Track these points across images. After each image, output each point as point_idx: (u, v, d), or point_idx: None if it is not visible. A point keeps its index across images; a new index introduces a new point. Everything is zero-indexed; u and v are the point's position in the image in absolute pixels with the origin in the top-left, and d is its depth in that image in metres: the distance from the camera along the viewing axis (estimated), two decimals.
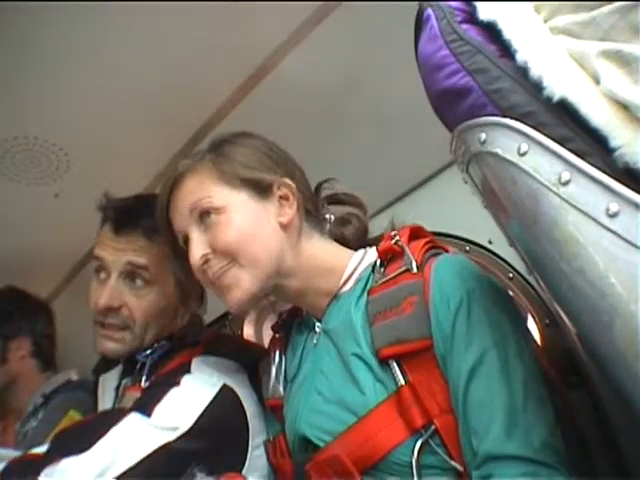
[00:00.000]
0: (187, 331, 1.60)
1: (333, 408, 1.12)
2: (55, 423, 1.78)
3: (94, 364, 1.75)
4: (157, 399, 1.28)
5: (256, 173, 1.24)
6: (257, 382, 1.41)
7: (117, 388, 1.57)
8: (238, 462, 1.31)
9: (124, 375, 1.57)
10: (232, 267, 1.20)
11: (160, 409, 1.26)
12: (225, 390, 1.33)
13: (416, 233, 1.24)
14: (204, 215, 1.22)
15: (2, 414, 2.14)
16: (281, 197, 1.25)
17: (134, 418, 1.25)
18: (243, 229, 1.20)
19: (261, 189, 1.24)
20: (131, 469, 1.16)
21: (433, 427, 1.00)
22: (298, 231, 1.26)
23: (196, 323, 1.68)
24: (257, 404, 1.39)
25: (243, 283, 1.20)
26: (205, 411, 1.27)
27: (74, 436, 1.26)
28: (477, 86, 0.81)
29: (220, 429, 1.29)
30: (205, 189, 1.23)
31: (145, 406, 1.27)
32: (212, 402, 1.29)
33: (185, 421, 1.24)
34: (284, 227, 1.24)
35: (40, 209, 2.08)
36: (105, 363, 1.70)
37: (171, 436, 1.22)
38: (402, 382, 1.04)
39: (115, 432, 1.21)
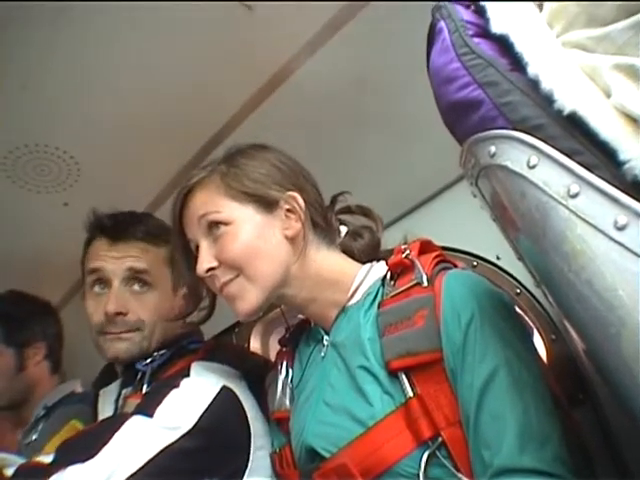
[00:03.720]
0: (186, 339, 1.63)
1: (341, 419, 1.13)
2: (56, 432, 1.78)
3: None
4: (158, 401, 1.30)
5: (263, 188, 1.26)
6: (257, 390, 1.43)
7: (117, 400, 1.58)
8: (242, 462, 1.33)
9: (123, 386, 1.58)
10: (237, 279, 1.24)
11: (162, 409, 1.28)
12: (225, 391, 1.35)
13: (425, 247, 1.26)
14: (212, 226, 1.25)
15: (19, 422, 2.11)
16: (288, 210, 1.27)
17: (137, 420, 1.27)
18: (248, 242, 1.23)
19: (267, 203, 1.26)
20: (137, 472, 1.17)
21: (440, 439, 1.00)
22: (304, 243, 1.27)
23: (195, 332, 1.70)
24: (258, 408, 1.41)
25: (248, 295, 1.23)
26: (206, 411, 1.29)
27: (79, 444, 1.28)
28: (488, 99, 0.81)
29: (222, 428, 1.31)
30: (213, 202, 1.26)
31: (147, 408, 1.29)
32: (213, 402, 1.31)
33: (187, 421, 1.26)
34: (289, 239, 1.26)
35: (49, 217, 2.09)
36: (105, 377, 1.72)
37: (174, 436, 1.23)
38: (411, 394, 1.04)
39: (119, 437, 1.23)
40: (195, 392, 1.33)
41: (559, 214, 0.71)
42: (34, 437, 1.86)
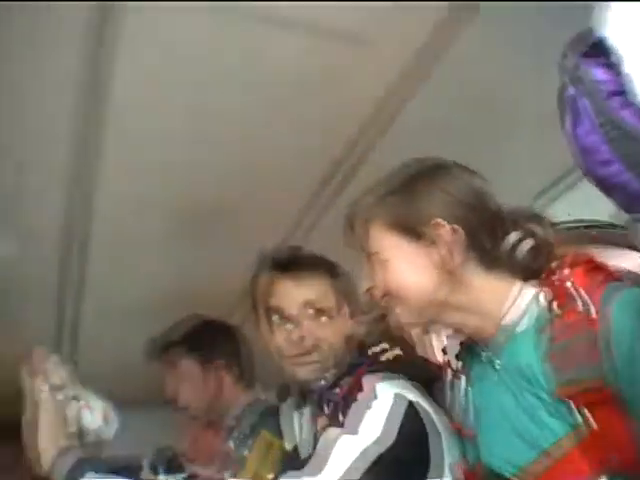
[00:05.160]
0: (350, 355, 1.69)
1: (516, 442, 1.16)
2: (250, 444, 1.98)
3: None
4: (358, 420, 1.39)
5: (415, 221, 1.26)
6: (434, 399, 1.48)
7: (295, 414, 1.75)
8: (440, 474, 1.39)
9: (298, 404, 1.74)
10: (389, 300, 1.31)
11: (364, 427, 1.37)
12: (413, 406, 1.41)
13: (576, 260, 1.22)
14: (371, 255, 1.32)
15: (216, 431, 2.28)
16: (438, 237, 1.24)
17: (346, 438, 1.36)
18: (395, 274, 1.27)
19: (416, 234, 1.26)
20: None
21: (614, 469, 1.02)
22: (455, 269, 1.25)
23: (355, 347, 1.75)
24: (443, 417, 1.44)
25: (402, 314, 1.30)
26: (402, 424, 1.36)
27: (298, 468, 1.40)
28: (635, 181, 0.79)
29: (419, 440, 1.38)
30: (368, 234, 1.32)
31: (350, 427, 1.38)
32: (405, 417, 1.38)
33: (388, 435, 1.35)
34: (441, 270, 1.25)
35: None
36: (284, 391, 1.86)
37: (381, 448, 1.33)
38: (582, 423, 1.05)
39: (335, 453, 1.34)
40: (387, 410, 1.40)
41: None
42: (245, 452, 2.01)
